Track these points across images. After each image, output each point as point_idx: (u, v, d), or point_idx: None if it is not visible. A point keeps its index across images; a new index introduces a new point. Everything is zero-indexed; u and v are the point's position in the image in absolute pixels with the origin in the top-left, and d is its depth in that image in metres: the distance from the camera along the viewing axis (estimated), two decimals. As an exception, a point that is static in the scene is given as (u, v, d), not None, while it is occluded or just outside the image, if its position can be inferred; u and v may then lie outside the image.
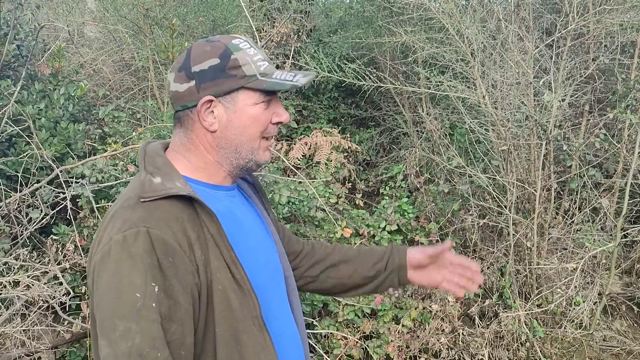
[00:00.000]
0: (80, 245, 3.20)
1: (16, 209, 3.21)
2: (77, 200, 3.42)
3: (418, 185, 4.85)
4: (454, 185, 4.42)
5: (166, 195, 1.25)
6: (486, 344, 3.73)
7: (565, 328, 3.83)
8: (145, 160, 1.36)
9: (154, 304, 1.15)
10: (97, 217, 3.32)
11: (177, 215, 1.24)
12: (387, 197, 4.73)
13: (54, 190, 3.31)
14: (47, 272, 2.96)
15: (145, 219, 1.21)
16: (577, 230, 4.14)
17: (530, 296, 3.93)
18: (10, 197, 3.23)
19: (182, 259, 1.21)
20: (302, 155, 4.93)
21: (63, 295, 2.80)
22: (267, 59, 1.39)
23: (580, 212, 4.18)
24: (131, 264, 1.17)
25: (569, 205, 4.31)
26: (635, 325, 4.20)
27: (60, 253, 3.16)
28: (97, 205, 3.27)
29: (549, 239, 4.05)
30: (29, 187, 3.26)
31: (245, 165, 1.41)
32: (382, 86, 4.43)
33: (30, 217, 3.23)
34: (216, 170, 1.40)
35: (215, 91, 1.34)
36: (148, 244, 1.18)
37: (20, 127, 3.52)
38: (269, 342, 1.31)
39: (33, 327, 2.79)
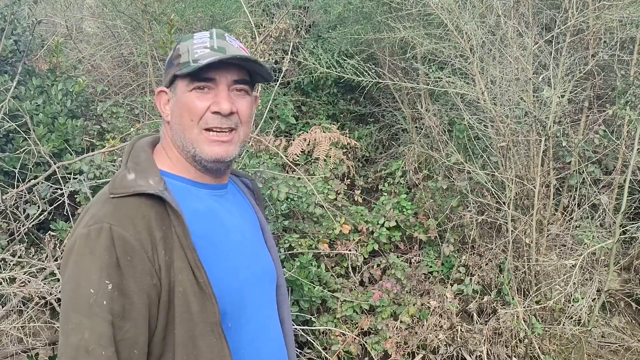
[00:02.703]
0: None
1: (13, 204, 3.21)
2: (75, 196, 3.41)
3: (417, 182, 4.84)
4: (453, 181, 4.41)
5: (135, 193, 1.25)
6: (484, 340, 3.72)
7: (563, 325, 3.82)
8: (130, 155, 1.35)
9: (105, 302, 1.16)
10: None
11: (143, 213, 1.23)
12: (386, 194, 4.72)
13: (51, 187, 3.30)
14: (44, 269, 2.96)
15: (111, 216, 1.21)
16: (576, 226, 4.13)
17: (529, 293, 3.92)
18: (7, 193, 3.22)
19: (141, 258, 1.20)
20: (301, 152, 4.93)
21: (59, 291, 2.79)
22: (223, 48, 1.33)
23: (579, 208, 4.17)
24: (91, 259, 1.18)
25: (568, 201, 4.30)
26: (633, 321, 4.20)
27: (58, 249, 3.15)
28: (95, 202, 3.26)
29: (547, 236, 4.04)
30: (26, 183, 3.26)
31: (194, 158, 1.36)
32: (381, 82, 4.42)
33: (28, 213, 3.22)
34: (185, 164, 1.38)
35: (165, 82, 1.38)
36: (109, 241, 1.18)
37: (17, 123, 3.51)
38: (226, 350, 1.28)
39: (30, 323, 2.79)
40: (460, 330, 3.78)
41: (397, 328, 3.76)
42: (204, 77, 1.30)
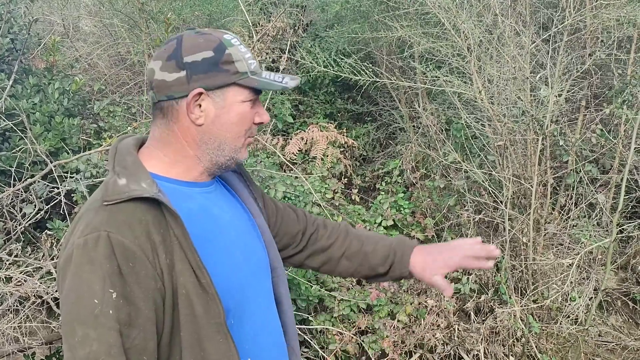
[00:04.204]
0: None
1: (10, 203, 3.20)
2: (72, 195, 3.40)
3: (414, 181, 4.84)
4: (450, 180, 4.41)
5: (130, 198, 1.23)
6: (482, 339, 3.73)
7: (560, 323, 3.83)
8: (115, 159, 1.32)
9: (111, 311, 1.14)
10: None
11: (140, 218, 1.22)
12: (383, 193, 4.72)
13: (47, 185, 3.29)
14: (40, 268, 2.95)
15: (107, 223, 1.19)
16: (573, 225, 4.14)
17: (526, 292, 3.93)
18: (4, 191, 3.21)
19: (143, 264, 1.19)
20: (299, 151, 4.92)
21: (56, 291, 2.79)
22: (254, 58, 1.40)
23: (576, 207, 4.18)
24: (91, 269, 1.16)
25: (565, 200, 4.31)
26: (630, 320, 4.20)
27: (54, 248, 3.14)
28: (92, 200, 3.25)
29: (545, 235, 4.04)
30: (23, 182, 3.25)
31: (225, 163, 1.39)
32: (379, 81, 4.42)
33: (24, 212, 3.21)
34: (193, 165, 1.37)
35: (207, 84, 1.31)
36: (108, 249, 1.16)
37: (14, 122, 3.50)
38: (233, 350, 1.28)
39: (26, 323, 2.78)
40: (458, 329, 3.78)
41: (394, 327, 3.75)
42: (259, 91, 1.37)
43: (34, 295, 2.79)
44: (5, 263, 2.89)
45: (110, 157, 1.34)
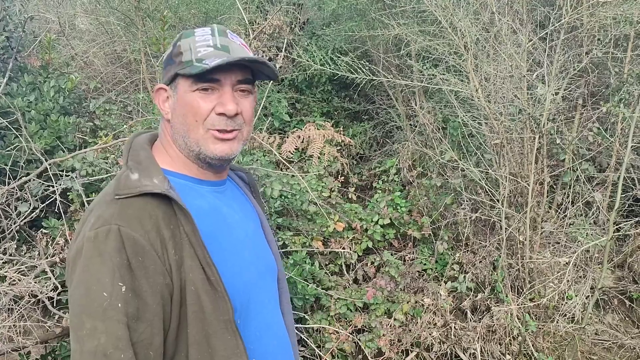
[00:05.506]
0: (71, 239, 3.18)
1: (4, 202, 3.19)
2: (68, 193, 3.39)
3: (411, 179, 4.84)
4: (447, 179, 4.41)
5: (141, 193, 1.23)
6: (478, 338, 3.72)
7: (557, 322, 3.83)
8: (130, 154, 1.33)
9: (119, 304, 1.14)
10: (87, 211, 3.29)
11: (151, 213, 1.22)
12: (380, 191, 4.72)
13: (43, 184, 3.28)
14: (35, 267, 2.94)
15: (118, 217, 1.19)
16: (570, 224, 4.14)
17: (523, 290, 3.93)
18: (-1, 190, 3.20)
19: (152, 258, 1.19)
20: (295, 149, 4.92)
21: (51, 290, 2.78)
22: (226, 46, 1.32)
23: (573, 206, 4.18)
24: (101, 262, 1.16)
25: (562, 199, 4.30)
26: (627, 319, 4.20)
27: (50, 247, 3.13)
28: (88, 199, 3.25)
29: (541, 233, 4.04)
30: (18, 180, 3.23)
31: (199, 157, 1.35)
32: (375, 79, 4.41)
33: (19, 211, 3.20)
34: (185, 161, 1.37)
35: (165, 80, 1.35)
36: (118, 242, 1.16)
37: (9, 120, 3.49)
38: (241, 347, 1.28)
39: (21, 322, 2.77)
40: (454, 327, 3.78)
41: (390, 326, 3.75)
42: (208, 78, 1.28)
43: (29, 294, 2.78)
44: (0, 262, 2.87)
45: (125, 152, 1.35)
